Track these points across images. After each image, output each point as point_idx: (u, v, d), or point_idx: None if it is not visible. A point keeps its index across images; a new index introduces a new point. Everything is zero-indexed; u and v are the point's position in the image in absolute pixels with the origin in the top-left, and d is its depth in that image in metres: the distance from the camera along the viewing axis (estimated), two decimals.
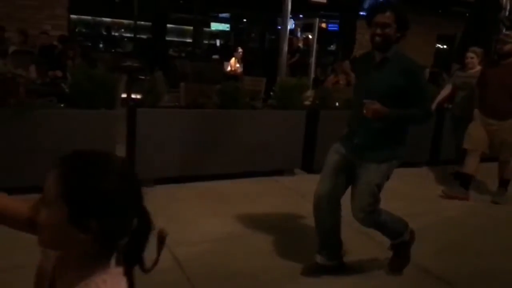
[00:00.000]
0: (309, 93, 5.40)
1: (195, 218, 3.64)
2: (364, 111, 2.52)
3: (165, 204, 3.89)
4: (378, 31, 2.53)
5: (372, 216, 2.66)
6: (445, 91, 5.52)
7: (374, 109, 2.51)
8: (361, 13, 10.85)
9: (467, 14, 10.56)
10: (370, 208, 2.64)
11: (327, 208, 2.75)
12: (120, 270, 0.95)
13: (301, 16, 14.69)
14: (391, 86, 2.55)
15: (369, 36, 2.60)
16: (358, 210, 2.64)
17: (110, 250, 0.95)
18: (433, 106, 5.22)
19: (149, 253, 1.05)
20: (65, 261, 0.97)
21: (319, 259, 2.85)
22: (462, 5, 11.93)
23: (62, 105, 3.96)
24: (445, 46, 16.90)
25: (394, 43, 2.58)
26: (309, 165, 5.03)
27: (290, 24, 8.54)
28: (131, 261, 0.99)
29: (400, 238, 2.84)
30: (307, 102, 5.25)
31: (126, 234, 0.96)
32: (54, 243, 0.94)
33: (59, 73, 6.12)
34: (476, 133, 4.57)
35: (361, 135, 2.64)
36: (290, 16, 6.37)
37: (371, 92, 2.61)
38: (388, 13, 2.51)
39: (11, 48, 7.72)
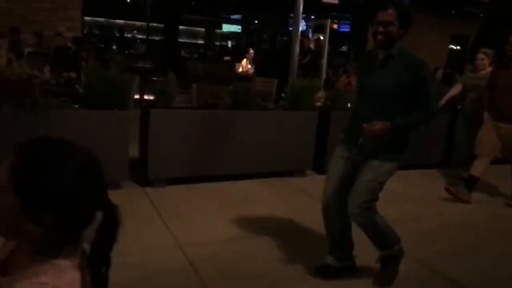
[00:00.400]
0: (321, 94, 5.38)
1: (207, 218, 3.66)
2: (366, 136, 2.50)
3: (177, 204, 3.92)
4: (381, 29, 2.48)
5: (367, 214, 2.60)
6: (455, 89, 5.46)
7: (375, 130, 2.48)
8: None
9: (481, 15, 10.46)
10: (366, 205, 2.58)
11: (335, 212, 2.74)
12: (69, 262, 0.89)
13: (312, 17, 14.68)
14: (395, 83, 2.50)
15: (372, 35, 2.54)
16: (355, 206, 2.58)
17: (63, 242, 0.90)
18: (442, 101, 5.21)
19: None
20: (18, 249, 0.94)
21: (330, 260, 2.84)
22: (476, 5, 11.82)
23: (76, 106, 4.01)
24: (458, 47, 16.73)
25: (398, 40, 2.53)
26: (320, 166, 5.02)
27: (302, 25, 8.53)
28: (98, 261, 0.92)
29: (389, 250, 2.73)
30: (318, 103, 5.24)
31: (83, 228, 0.91)
32: (5, 231, 0.90)
33: (73, 74, 6.20)
34: (487, 139, 4.48)
35: (365, 135, 2.59)
36: (302, 17, 6.37)
37: (375, 91, 2.56)
38: (390, 11, 2.47)
39: (27, 50, 7.85)
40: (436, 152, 5.87)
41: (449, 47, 16.40)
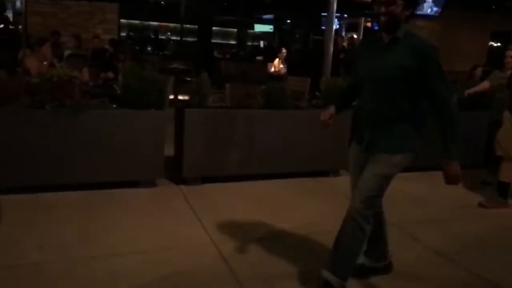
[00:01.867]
0: None
1: (241, 216, 3.69)
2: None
3: (211, 202, 3.97)
4: (382, 9, 2.30)
5: (367, 212, 2.44)
6: (482, 85, 5.28)
7: (454, 178, 2.36)
8: None
9: None
10: (370, 200, 2.44)
11: None
12: None
13: (345, 15, 14.50)
14: (401, 67, 2.30)
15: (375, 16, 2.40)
16: (358, 200, 2.44)
17: None
18: (470, 91, 5.18)
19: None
20: None
21: (366, 261, 2.80)
22: None
23: (114, 106, 4.13)
24: (499, 44, 16.10)
25: (403, 22, 2.35)
26: None
27: (335, 24, 8.44)
28: None
29: (338, 279, 2.44)
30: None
31: None
32: None
33: (111, 75, 6.38)
34: (507, 139, 4.27)
35: (373, 128, 2.48)
36: (335, 16, 6.30)
37: (378, 76, 2.39)
38: None
39: (66, 52, 8.14)
40: (476, 152, 5.68)
41: (489, 43, 15.81)
